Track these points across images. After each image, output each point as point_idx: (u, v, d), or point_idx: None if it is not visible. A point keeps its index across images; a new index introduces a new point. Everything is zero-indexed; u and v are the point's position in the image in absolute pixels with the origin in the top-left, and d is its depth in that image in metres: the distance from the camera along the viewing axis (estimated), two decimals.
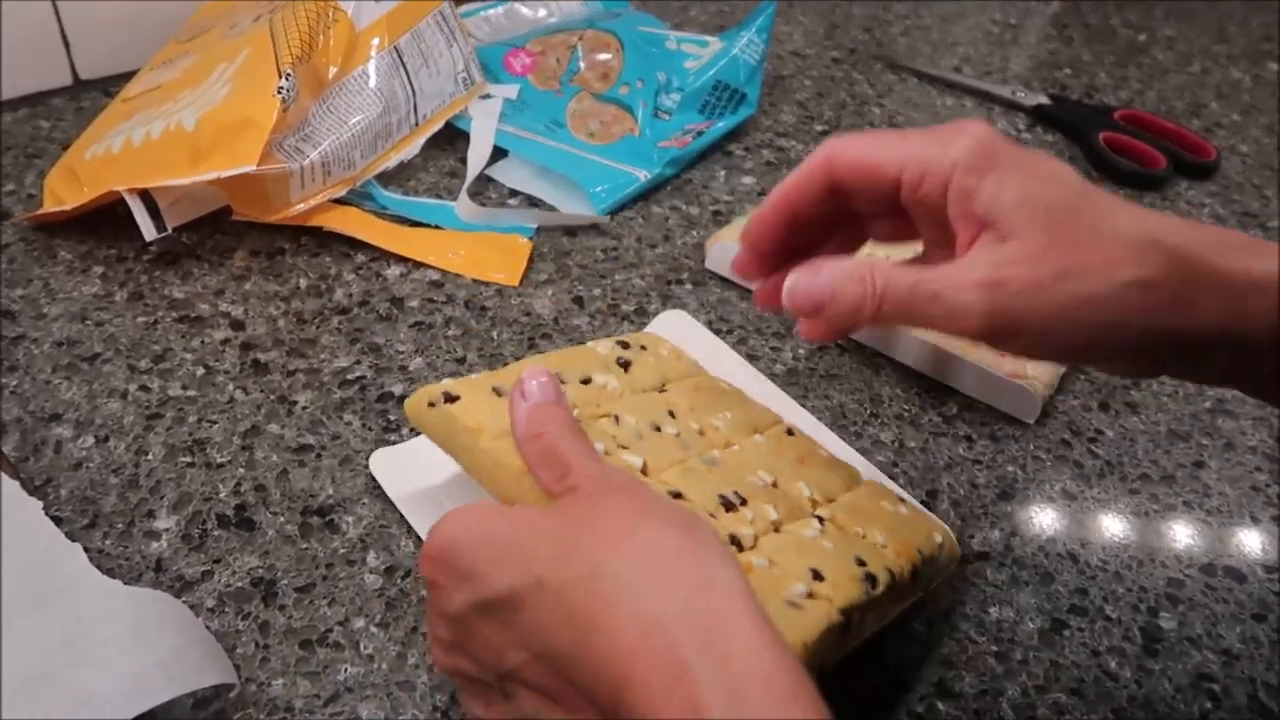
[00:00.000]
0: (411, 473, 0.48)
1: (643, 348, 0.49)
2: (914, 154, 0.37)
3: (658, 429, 0.43)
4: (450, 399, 0.42)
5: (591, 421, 0.42)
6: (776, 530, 0.40)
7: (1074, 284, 0.33)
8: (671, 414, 0.45)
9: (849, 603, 0.37)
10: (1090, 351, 0.36)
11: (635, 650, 0.28)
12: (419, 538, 0.46)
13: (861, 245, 0.43)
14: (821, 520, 0.41)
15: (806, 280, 0.37)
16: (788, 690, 0.27)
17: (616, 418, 0.43)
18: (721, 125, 0.73)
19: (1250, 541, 0.50)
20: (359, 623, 0.42)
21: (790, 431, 0.47)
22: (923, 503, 0.49)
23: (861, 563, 0.39)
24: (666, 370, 0.48)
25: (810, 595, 0.37)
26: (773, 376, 0.56)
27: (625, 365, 0.47)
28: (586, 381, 0.44)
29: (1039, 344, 0.35)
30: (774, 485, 0.43)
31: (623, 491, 0.34)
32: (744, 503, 0.40)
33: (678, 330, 0.57)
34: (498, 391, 0.42)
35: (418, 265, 0.61)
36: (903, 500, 0.45)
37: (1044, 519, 0.50)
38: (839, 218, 0.41)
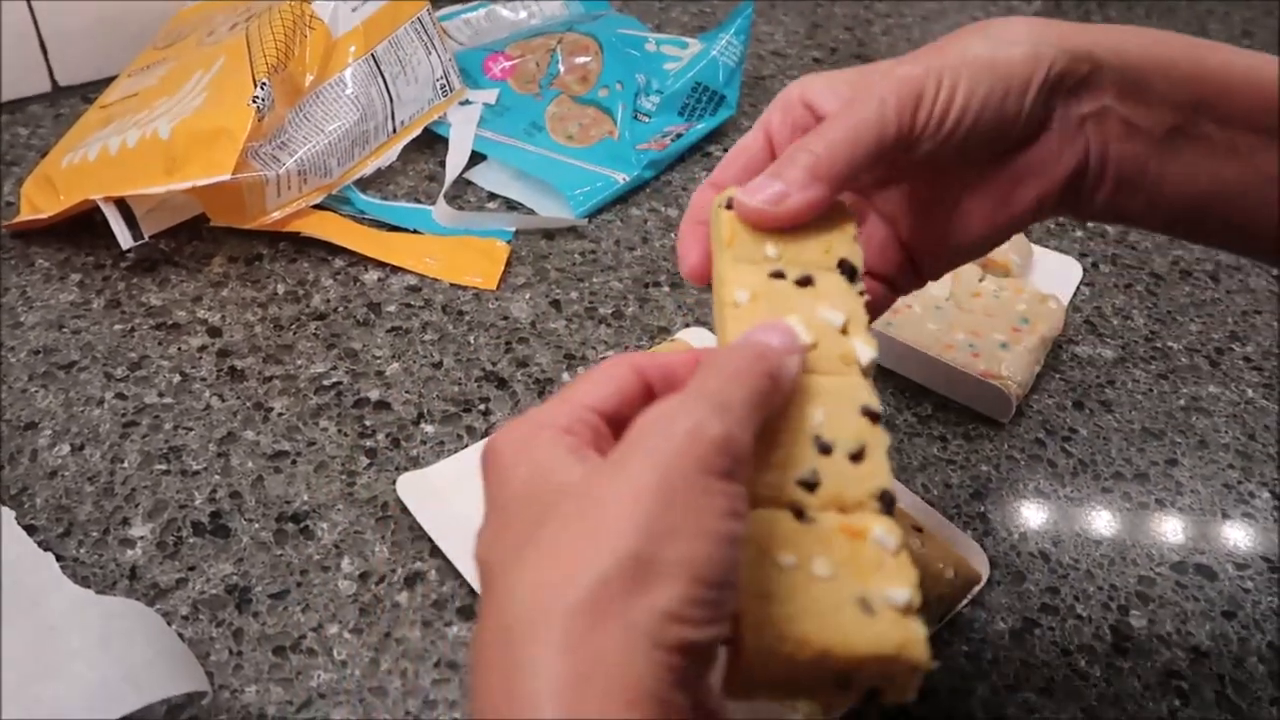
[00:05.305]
0: (439, 497, 0.47)
1: None
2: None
3: None
4: None
5: None
6: None
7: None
8: None
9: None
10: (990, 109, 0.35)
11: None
12: (393, 544, 0.46)
13: None
14: None
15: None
16: None
17: None
18: (701, 127, 0.74)
19: (1222, 539, 0.50)
20: (332, 629, 0.42)
21: None
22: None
23: None
24: None
25: None
26: None
27: None
28: None
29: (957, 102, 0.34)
30: None
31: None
32: None
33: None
34: None
35: (395, 270, 0.61)
36: (918, 530, 0.44)
37: (1016, 518, 0.50)
38: None
